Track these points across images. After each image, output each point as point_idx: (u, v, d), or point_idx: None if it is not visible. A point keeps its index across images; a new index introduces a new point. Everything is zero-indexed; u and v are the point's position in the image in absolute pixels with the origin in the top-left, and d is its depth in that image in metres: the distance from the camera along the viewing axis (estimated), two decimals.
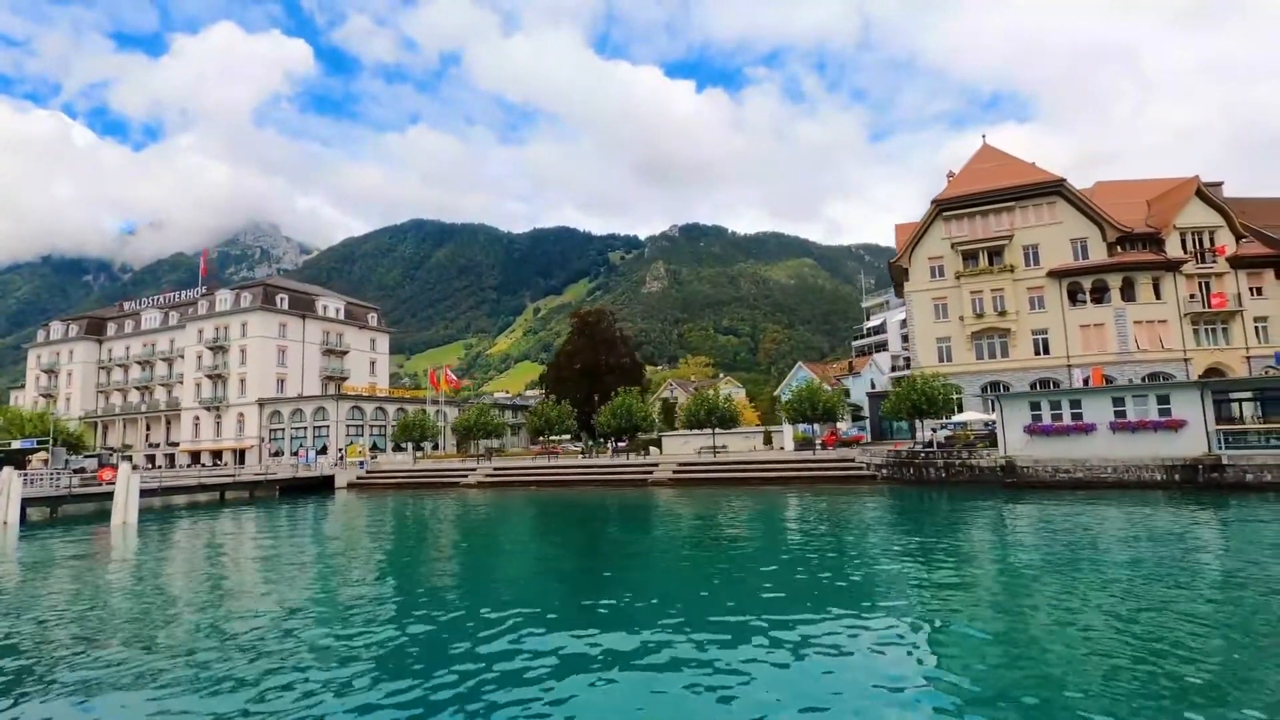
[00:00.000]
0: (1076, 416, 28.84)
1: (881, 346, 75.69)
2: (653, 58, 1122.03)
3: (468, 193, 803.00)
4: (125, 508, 27.70)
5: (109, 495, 29.98)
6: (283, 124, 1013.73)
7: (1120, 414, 27.91)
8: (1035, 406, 29.99)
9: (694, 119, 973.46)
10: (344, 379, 72.00)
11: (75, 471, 50.55)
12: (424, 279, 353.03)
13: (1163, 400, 27.30)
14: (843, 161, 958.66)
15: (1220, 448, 25.78)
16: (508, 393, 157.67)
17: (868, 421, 57.09)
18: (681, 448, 49.16)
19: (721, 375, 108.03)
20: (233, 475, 47.98)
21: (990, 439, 33.05)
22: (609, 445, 51.98)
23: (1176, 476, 26.13)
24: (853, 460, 36.83)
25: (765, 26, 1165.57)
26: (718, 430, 45.64)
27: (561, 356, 73.02)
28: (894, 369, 59.40)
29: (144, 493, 36.28)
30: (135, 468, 40.19)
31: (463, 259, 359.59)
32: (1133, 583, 12.30)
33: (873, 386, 59.62)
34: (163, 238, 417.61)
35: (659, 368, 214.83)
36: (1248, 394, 28.74)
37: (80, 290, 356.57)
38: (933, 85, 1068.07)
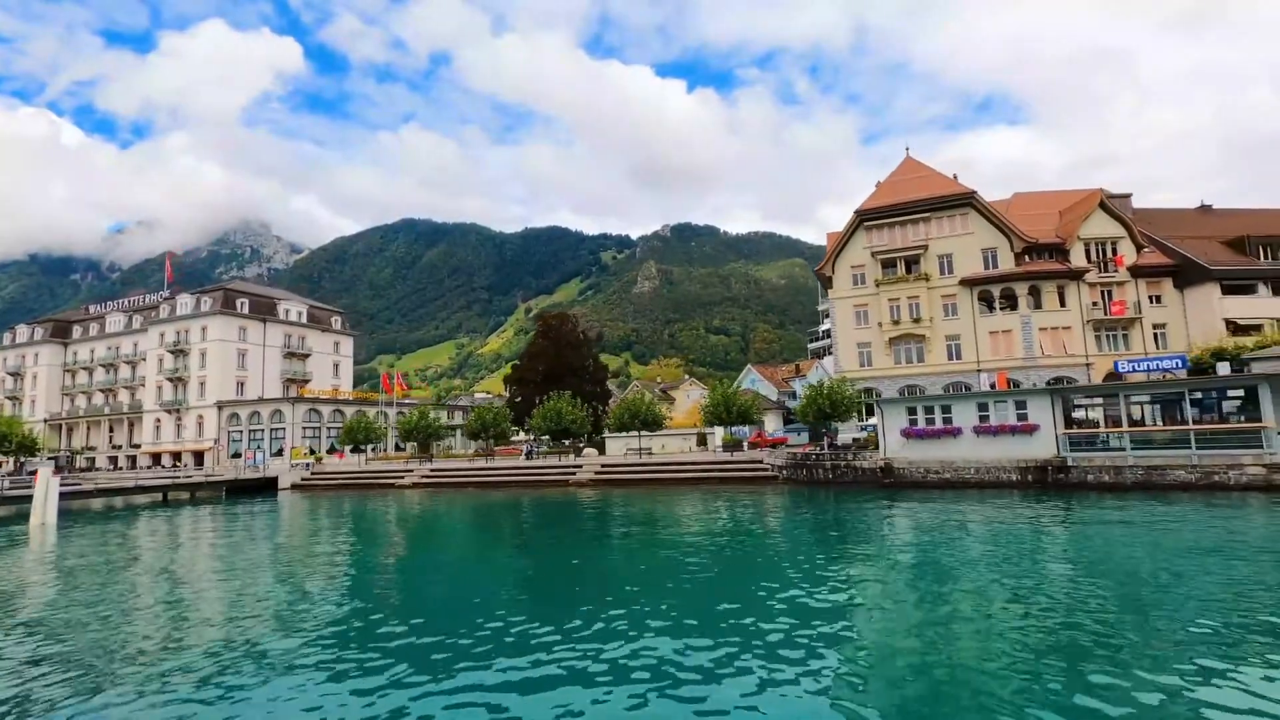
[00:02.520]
0: (947, 420, 30.50)
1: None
2: (646, 59, 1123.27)
3: (463, 195, 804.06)
4: (44, 509, 29.17)
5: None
6: (274, 124, 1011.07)
7: (984, 418, 29.57)
8: (912, 411, 31.64)
9: (687, 121, 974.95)
10: (306, 381, 73.49)
11: (29, 473, 52.25)
12: (416, 279, 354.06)
13: (1020, 405, 28.97)
14: (836, 164, 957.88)
15: (1066, 450, 27.47)
16: (489, 393, 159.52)
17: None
18: (622, 449, 51.20)
19: (687, 377, 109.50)
20: (174, 476, 49.43)
21: None
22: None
23: (1030, 477, 27.81)
24: (760, 462, 38.49)
25: (759, 30, 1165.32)
26: (656, 432, 47.83)
27: (525, 358, 74.52)
28: None
29: (79, 494, 38.03)
30: (59, 470, 41.64)
31: (454, 259, 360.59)
32: (966, 574, 13.52)
33: None
34: (152, 237, 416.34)
35: (650, 367, 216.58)
36: (1148, 398, 30.11)
37: (68, 289, 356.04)
38: (927, 89, 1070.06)
